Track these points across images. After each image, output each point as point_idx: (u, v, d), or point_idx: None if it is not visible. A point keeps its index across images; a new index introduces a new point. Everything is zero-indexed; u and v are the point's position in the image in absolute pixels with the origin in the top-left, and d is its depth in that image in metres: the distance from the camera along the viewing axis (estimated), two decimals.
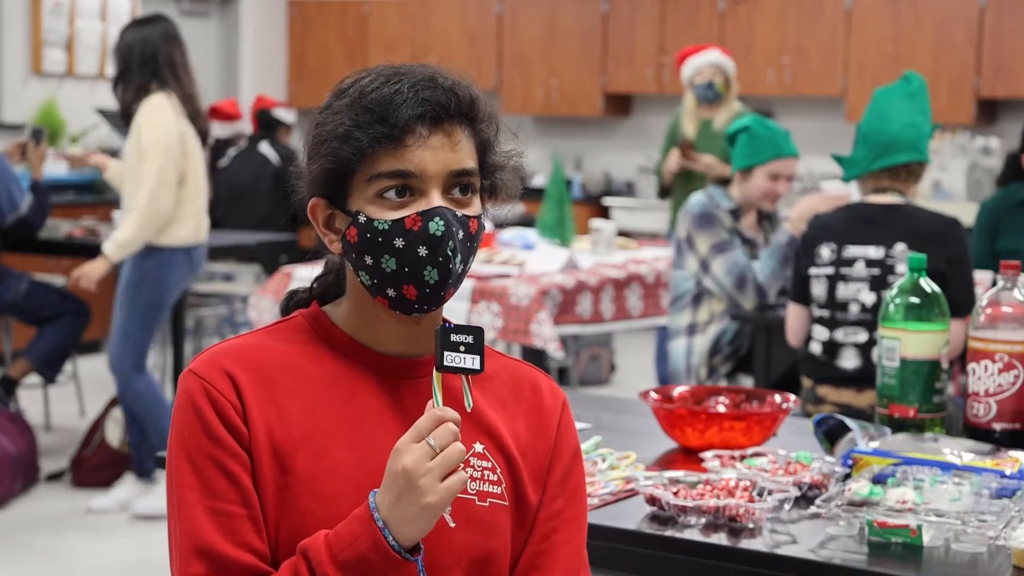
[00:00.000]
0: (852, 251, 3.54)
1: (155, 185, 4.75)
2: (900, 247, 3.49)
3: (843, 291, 3.55)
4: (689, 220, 4.39)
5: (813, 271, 3.60)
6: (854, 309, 3.53)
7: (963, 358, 2.61)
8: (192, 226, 4.94)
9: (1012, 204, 4.73)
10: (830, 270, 3.57)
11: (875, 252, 3.52)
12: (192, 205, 4.92)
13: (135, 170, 4.81)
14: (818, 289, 3.60)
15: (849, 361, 3.55)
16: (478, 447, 1.56)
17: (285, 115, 7.73)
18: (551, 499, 1.61)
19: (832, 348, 3.58)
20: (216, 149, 7.71)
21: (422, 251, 1.49)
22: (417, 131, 1.49)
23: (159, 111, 4.78)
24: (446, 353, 1.44)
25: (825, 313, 3.59)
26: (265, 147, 7.54)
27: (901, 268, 3.47)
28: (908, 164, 3.54)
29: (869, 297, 3.51)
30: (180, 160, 4.83)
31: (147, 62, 4.82)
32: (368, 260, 1.50)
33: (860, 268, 3.53)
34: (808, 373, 3.65)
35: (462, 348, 1.45)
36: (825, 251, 3.58)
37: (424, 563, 1.45)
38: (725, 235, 4.34)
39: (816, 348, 3.62)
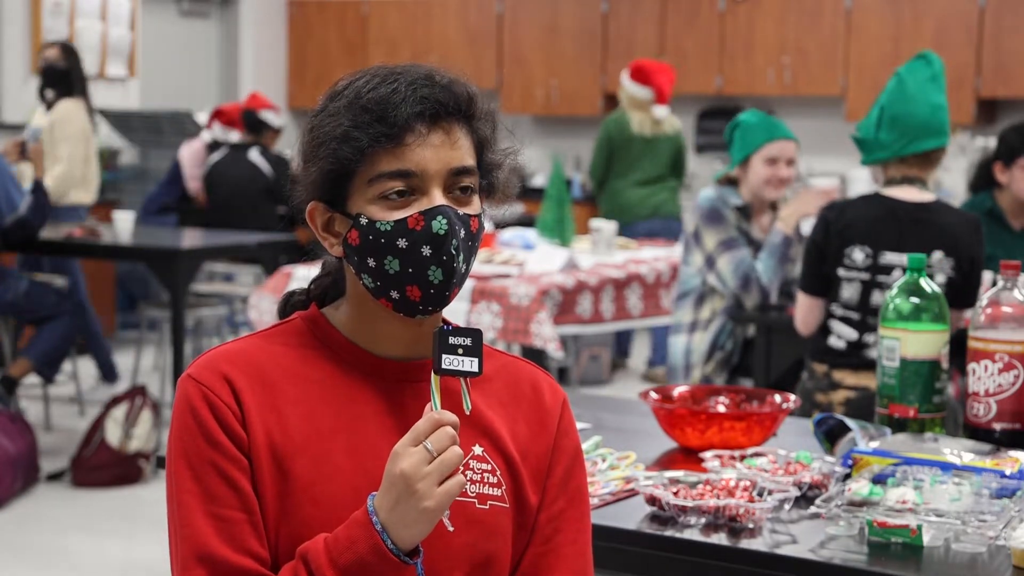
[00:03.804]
0: (889, 258, 3.48)
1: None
2: (937, 256, 3.44)
3: (879, 298, 3.49)
4: (698, 215, 4.37)
5: (843, 273, 3.53)
6: None
7: (963, 358, 2.61)
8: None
9: (981, 213, 4.73)
10: (865, 276, 3.50)
11: None
12: None
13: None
14: (849, 292, 3.52)
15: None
16: (477, 449, 1.55)
17: (273, 118, 7.60)
18: (552, 500, 1.60)
19: (861, 345, 3.54)
20: (213, 150, 7.70)
21: (426, 251, 1.47)
22: (417, 129, 1.48)
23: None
24: (444, 356, 1.43)
25: (854, 315, 3.53)
26: (255, 155, 7.47)
27: (940, 278, 3.44)
28: (936, 150, 3.49)
29: None
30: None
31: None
32: (371, 262, 1.49)
33: (898, 277, 3.48)
34: (822, 360, 3.59)
35: (460, 351, 1.44)
36: (859, 255, 3.50)
37: (424, 566, 1.44)
38: (733, 232, 4.32)
39: (839, 343, 3.55)
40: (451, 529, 1.49)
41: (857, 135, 3.53)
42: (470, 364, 1.44)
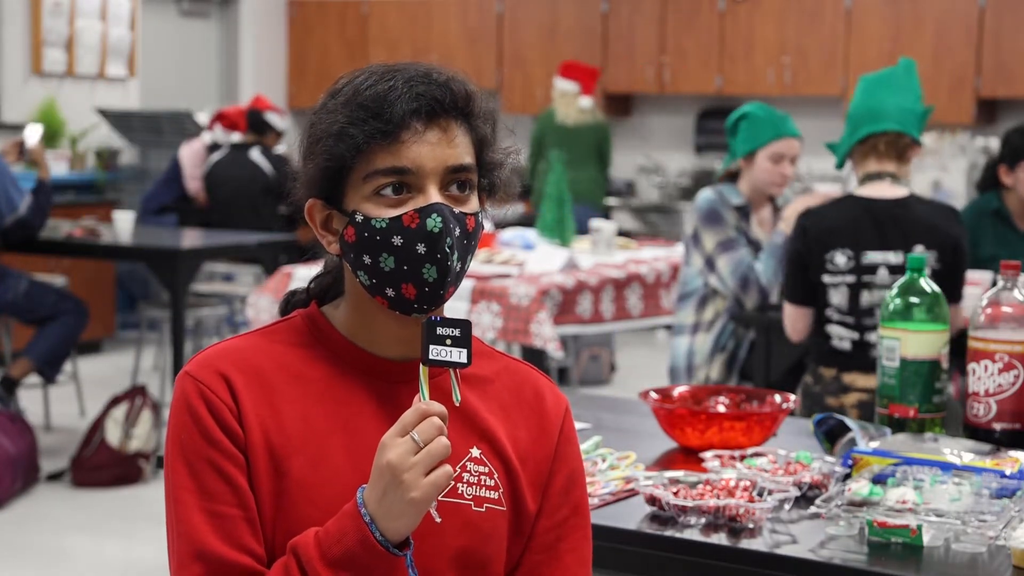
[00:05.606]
0: (872, 257, 3.47)
1: None
2: (918, 249, 3.43)
3: (868, 298, 3.47)
4: (697, 216, 4.35)
5: (828, 279, 3.51)
6: None
7: (963, 358, 2.61)
8: None
9: (987, 213, 4.73)
10: (851, 278, 3.48)
11: (895, 258, 3.46)
12: None
13: None
14: (837, 298, 3.49)
15: None
16: (475, 452, 1.54)
17: (277, 121, 7.61)
18: (554, 509, 1.60)
19: (866, 345, 3.52)
20: (213, 151, 7.70)
21: (420, 248, 1.47)
22: (412, 126, 1.47)
23: None
24: (431, 347, 1.42)
25: (849, 319, 3.50)
26: (256, 154, 7.47)
27: (925, 271, 3.43)
28: (891, 136, 3.44)
29: None
30: None
31: None
32: (366, 259, 1.49)
33: (884, 275, 3.45)
34: (830, 363, 3.56)
35: (448, 341, 1.43)
36: (841, 258, 3.48)
37: (415, 562, 1.44)
38: (732, 233, 4.31)
39: (844, 345, 3.52)
40: (438, 520, 1.48)
41: (828, 144, 3.60)
42: (458, 355, 1.43)
